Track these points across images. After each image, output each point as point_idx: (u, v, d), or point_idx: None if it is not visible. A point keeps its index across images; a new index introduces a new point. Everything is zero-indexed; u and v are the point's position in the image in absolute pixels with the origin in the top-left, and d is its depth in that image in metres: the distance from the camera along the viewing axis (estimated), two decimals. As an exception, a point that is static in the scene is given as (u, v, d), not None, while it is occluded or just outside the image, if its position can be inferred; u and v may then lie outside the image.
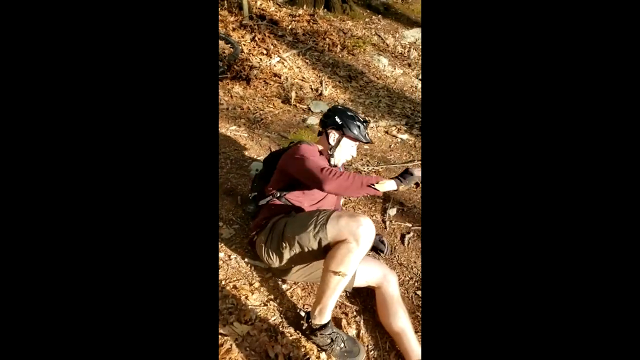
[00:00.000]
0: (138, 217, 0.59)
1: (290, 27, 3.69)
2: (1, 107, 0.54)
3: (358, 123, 1.50)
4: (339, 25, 3.91)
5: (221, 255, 1.47)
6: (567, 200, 0.54)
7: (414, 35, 4.00)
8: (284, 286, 1.41)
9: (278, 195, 1.42)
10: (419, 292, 1.48)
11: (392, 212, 1.85)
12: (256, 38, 3.33)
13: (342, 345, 1.20)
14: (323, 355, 1.20)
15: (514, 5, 0.58)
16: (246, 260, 1.47)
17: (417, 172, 1.30)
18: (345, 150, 1.52)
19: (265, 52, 3.24)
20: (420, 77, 3.50)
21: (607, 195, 0.53)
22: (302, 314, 1.25)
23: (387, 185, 1.26)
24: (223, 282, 1.36)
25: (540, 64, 0.57)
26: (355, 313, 1.38)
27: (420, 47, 3.92)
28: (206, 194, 0.63)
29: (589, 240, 0.53)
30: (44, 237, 0.56)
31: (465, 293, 0.58)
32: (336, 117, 1.49)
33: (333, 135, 1.51)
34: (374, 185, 1.24)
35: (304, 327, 1.22)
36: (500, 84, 0.58)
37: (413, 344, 1.23)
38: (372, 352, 1.28)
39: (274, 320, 1.28)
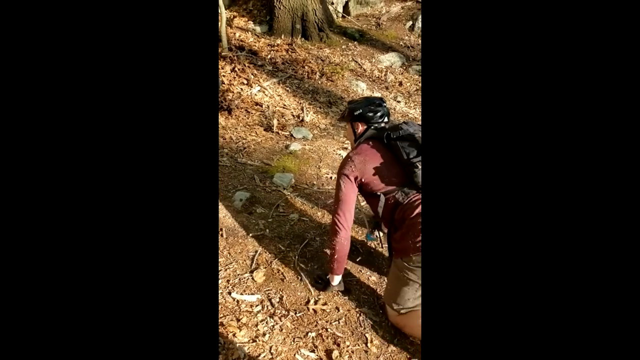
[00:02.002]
0: (136, 252, 0.58)
1: (269, 56, 3.77)
2: None
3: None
4: (317, 53, 4.02)
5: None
6: (566, 210, 0.55)
7: (390, 59, 4.15)
8: (272, 321, 1.37)
9: None
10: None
11: (380, 233, 1.85)
12: (236, 69, 3.38)
13: None
14: (316, 391, 1.15)
15: (515, 12, 0.58)
16: (232, 295, 1.43)
17: (334, 282, 1.50)
18: None
19: (245, 81, 3.29)
20: (397, 99, 3.61)
21: (607, 202, 0.53)
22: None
23: (333, 281, 1.50)
24: (209, 320, 1.31)
25: (542, 73, 0.56)
26: (348, 343, 1.34)
27: (396, 70, 4.06)
28: (206, 228, 0.63)
29: (588, 245, 0.53)
30: (41, 247, 0.55)
31: (468, 307, 0.57)
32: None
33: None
34: (331, 271, 1.47)
35: None
36: (502, 91, 0.58)
37: None
38: (367, 383, 1.23)
39: (264, 357, 1.23)
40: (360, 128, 1.52)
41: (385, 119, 1.52)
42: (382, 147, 1.43)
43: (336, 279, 1.48)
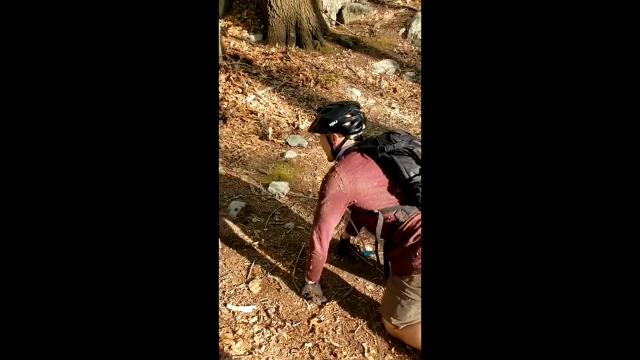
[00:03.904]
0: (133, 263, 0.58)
1: (264, 65, 3.79)
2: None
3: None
4: (311, 61, 4.04)
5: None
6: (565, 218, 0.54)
7: (384, 66, 4.18)
8: (268, 332, 1.36)
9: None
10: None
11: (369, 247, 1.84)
12: (231, 77, 3.39)
13: None
14: (313, 403, 1.14)
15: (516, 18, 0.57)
16: (228, 306, 1.42)
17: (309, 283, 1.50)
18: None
19: (240, 90, 3.30)
20: (392, 105, 3.63)
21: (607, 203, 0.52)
22: None
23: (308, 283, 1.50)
24: (204, 333, 1.30)
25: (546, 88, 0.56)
26: (344, 353, 1.33)
27: (390, 76, 4.09)
28: (206, 241, 0.63)
29: (587, 249, 0.53)
30: (40, 251, 0.55)
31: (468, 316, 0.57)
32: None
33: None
34: (307, 277, 1.48)
35: None
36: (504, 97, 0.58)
37: None
38: (365, 394, 1.23)
39: (260, 369, 1.22)
40: (338, 140, 1.38)
41: (363, 127, 1.40)
42: (374, 161, 1.32)
43: (311, 282, 1.50)
